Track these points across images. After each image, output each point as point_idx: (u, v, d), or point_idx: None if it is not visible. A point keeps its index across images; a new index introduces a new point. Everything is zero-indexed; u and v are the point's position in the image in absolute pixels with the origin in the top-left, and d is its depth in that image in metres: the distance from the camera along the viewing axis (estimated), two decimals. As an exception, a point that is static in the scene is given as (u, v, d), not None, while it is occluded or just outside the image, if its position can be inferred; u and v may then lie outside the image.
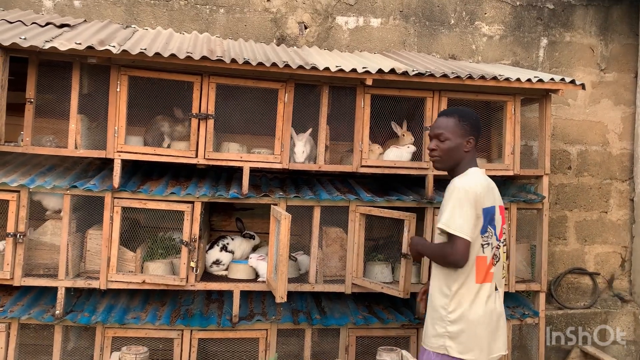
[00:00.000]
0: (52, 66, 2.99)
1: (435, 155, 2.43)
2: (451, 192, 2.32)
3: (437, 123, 2.44)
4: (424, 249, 2.56)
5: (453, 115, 2.41)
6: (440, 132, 2.39)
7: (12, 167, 3.10)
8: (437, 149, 2.41)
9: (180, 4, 3.89)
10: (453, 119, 2.39)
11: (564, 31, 4.36)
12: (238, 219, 3.45)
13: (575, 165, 4.37)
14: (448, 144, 2.38)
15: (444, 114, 2.45)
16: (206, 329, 3.04)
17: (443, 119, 2.42)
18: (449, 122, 2.39)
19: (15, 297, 3.08)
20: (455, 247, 2.26)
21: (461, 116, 2.40)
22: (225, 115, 3.16)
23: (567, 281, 4.37)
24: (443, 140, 2.39)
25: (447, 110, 2.52)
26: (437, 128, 2.42)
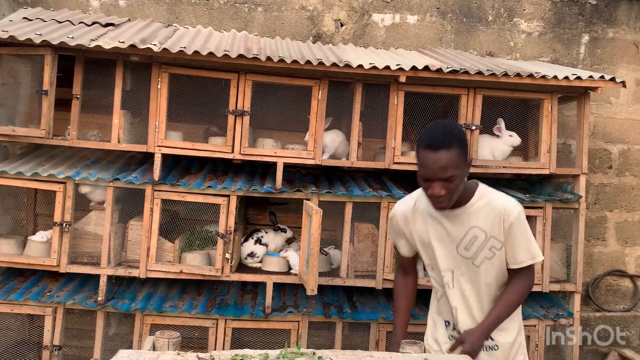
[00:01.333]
0: (97, 63, 3.13)
1: (443, 201, 1.96)
2: (516, 218, 2.01)
3: (438, 162, 1.88)
4: (499, 322, 2.07)
5: (452, 145, 1.90)
6: (450, 175, 1.90)
7: (59, 160, 3.27)
8: (447, 192, 1.93)
9: (220, 3, 3.99)
10: (455, 150, 1.90)
11: (607, 27, 4.25)
12: (271, 213, 3.53)
13: (616, 164, 4.27)
14: (457, 182, 1.93)
15: (442, 147, 1.88)
16: (240, 319, 3.13)
17: (444, 154, 1.88)
18: (452, 156, 1.89)
19: (61, 284, 3.24)
20: (533, 271, 2.13)
21: (459, 142, 1.93)
22: (261, 112, 3.24)
23: (605, 283, 4.28)
24: (452, 181, 1.92)
25: (439, 139, 1.91)
26: (444, 170, 1.89)
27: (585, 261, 4.06)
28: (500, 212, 2.02)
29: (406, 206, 2.21)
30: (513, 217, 2.01)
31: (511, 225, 2.01)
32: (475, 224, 2.05)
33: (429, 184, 1.94)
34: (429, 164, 1.91)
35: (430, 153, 1.90)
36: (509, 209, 2.02)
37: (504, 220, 2.01)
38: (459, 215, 2.05)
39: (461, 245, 2.08)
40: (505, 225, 2.01)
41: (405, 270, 2.37)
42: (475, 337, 2.00)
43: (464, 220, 2.05)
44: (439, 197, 1.95)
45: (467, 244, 2.07)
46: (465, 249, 2.08)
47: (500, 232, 2.03)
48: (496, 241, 2.04)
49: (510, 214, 2.01)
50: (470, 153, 2.01)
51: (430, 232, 2.13)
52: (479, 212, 2.04)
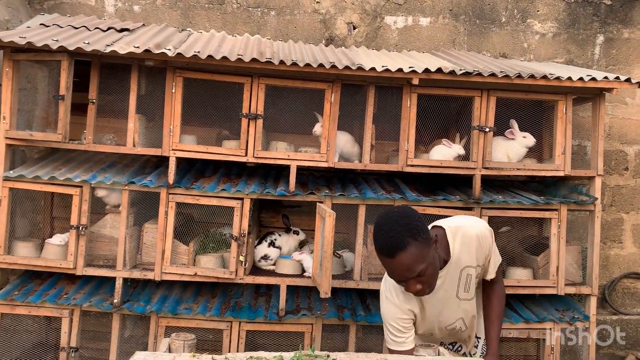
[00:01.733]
0: (112, 68, 3.17)
1: (424, 292, 1.93)
2: (491, 239, 2.10)
3: (401, 265, 1.83)
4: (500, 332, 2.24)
5: (407, 243, 1.81)
6: (419, 271, 1.85)
7: (76, 164, 3.31)
8: (423, 285, 1.90)
9: (233, 7, 4.02)
10: (414, 246, 1.82)
11: (622, 27, 4.21)
12: (284, 215, 3.54)
13: (632, 166, 4.22)
14: (430, 270, 1.88)
15: (397, 249, 1.81)
16: (254, 322, 3.15)
17: (403, 256, 1.81)
18: (413, 254, 1.82)
19: (78, 286, 3.28)
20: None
21: (412, 235, 1.83)
22: (274, 115, 3.26)
23: (622, 286, 4.23)
24: (424, 274, 1.87)
25: (390, 243, 1.82)
26: (410, 270, 1.84)
27: (601, 264, 4.02)
28: (478, 241, 2.06)
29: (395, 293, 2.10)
30: (488, 241, 2.09)
31: (488, 248, 2.10)
32: (465, 264, 2.08)
33: (402, 284, 1.93)
34: (391, 269, 1.88)
35: (389, 259, 1.84)
36: (482, 235, 2.07)
37: (483, 246, 2.08)
38: (447, 271, 2.06)
39: (460, 290, 2.11)
40: (485, 249, 2.08)
41: None
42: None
43: (453, 270, 2.07)
44: (417, 292, 1.93)
45: (465, 285, 2.11)
46: (465, 291, 2.12)
47: (482, 256, 2.10)
48: (484, 265, 2.14)
49: (484, 240, 2.08)
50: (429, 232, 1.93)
51: (428, 302, 2.09)
52: (463, 254, 2.05)
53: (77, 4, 3.94)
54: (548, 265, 3.29)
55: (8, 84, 3.03)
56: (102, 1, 3.95)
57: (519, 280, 3.26)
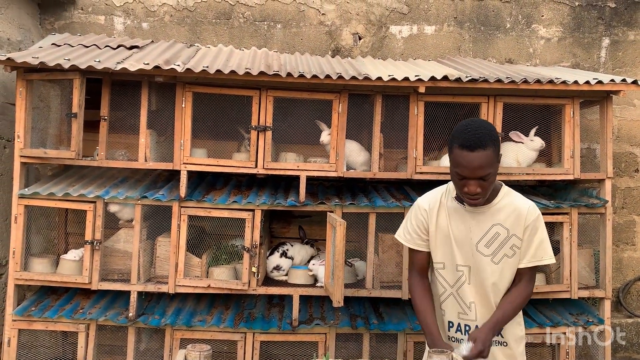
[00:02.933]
0: (123, 85, 3.23)
1: (478, 198, 2.01)
2: (535, 219, 2.08)
3: (476, 161, 1.92)
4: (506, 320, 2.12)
5: (488, 144, 1.94)
6: (487, 173, 1.95)
7: (89, 180, 3.36)
8: (482, 190, 1.98)
9: (240, 22, 4.08)
10: (491, 149, 1.94)
11: (628, 30, 4.22)
12: (300, 228, 3.58)
13: (643, 167, 4.21)
14: (492, 179, 1.99)
15: (479, 147, 1.92)
16: (267, 332, 3.16)
17: (482, 155, 1.92)
18: (488, 156, 1.94)
19: (93, 301, 3.31)
20: (535, 277, 2.20)
21: (494, 141, 1.97)
22: (283, 127, 3.30)
23: (636, 288, 4.20)
24: (488, 179, 1.96)
25: (475, 139, 1.94)
26: (479, 169, 1.93)
27: (614, 266, 4.00)
28: (522, 212, 2.08)
29: (433, 199, 2.21)
30: (533, 217, 2.08)
31: (530, 225, 2.07)
32: (499, 222, 2.09)
33: (464, 182, 1.98)
34: (465, 163, 1.94)
35: (468, 153, 1.93)
36: (530, 210, 2.09)
37: (525, 220, 2.07)
38: (483, 213, 2.09)
39: (482, 242, 2.11)
40: (525, 225, 2.07)
41: (422, 272, 2.25)
42: (485, 334, 2.03)
43: (488, 218, 2.10)
44: (474, 195, 1.99)
45: (489, 241, 2.10)
46: (486, 246, 2.11)
47: (521, 231, 2.08)
48: (517, 240, 2.09)
49: (531, 215, 2.08)
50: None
51: (452, 227, 2.15)
52: (502, 211, 2.09)
53: (87, 23, 4.02)
54: (560, 269, 3.28)
55: (22, 103, 3.09)
56: (111, 19, 4.03)
57: (538, 287, 3.24)
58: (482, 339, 2.00)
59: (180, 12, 4.06)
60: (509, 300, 2.11)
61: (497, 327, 2.08)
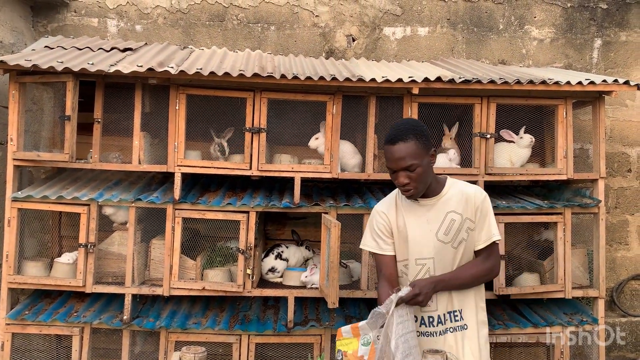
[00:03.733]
0: (116, 88, 3.22)
1: (410, 189, 2.15)
2: (483, 201, 2.22)
3: (397, 153, 2.11)
4: (452, 282, 2.20)
5: (408, 137, 2.11)
6: (409, 164, 2.10)
7: (83, 183, 3.35)
8: (410, 180, 2.13)
9: (234, 24, 4.08)
10: (412, 141, 2.11)
11: (619, 30, 4.25)
12: (294, 232, 3.58)
13: (635, 167, 4.23)
14: (419, 171, 2.12)
15: (399, 139, 2.11)
16: (263, 334, 3.16)
17: (402, 147, 2.10)
18: (409, 147, 2.10)
19: (87, 304, 3.30)
20: (498, 252, 2.30)
21: (415, 134, 2.13)
22: (277, 128, 3.30)
23: (630, 288, 4.22)
24: (413, 170, 2.11)
25: (396, 134, 2.13)
26: (401, 160, 2.10)
27: (608, 266, 4.02)
28: (470, 196, 2.22)
29: (389, 202, 2.34)
30: (481, 199, 2.22)
31: (479, 206, 2.21)
32: (452, 209, 2.23)
33: (395, 175, 2.16)
34: (389, 156, 2.14)
35: (390, 146, 2.13)
36: (477, 193, 2.24)
37: (474, 202, 2.21)
38: (435, 204, 2.24)
39: (440, 231, 2.22)
40: (475, 207, 2.21)
41: (391, 280, 2.27)
42: (425, 282, 2.13)
43: (441, 207, 2.23)
44: (404, 186, 2.15)
45: (446, 228, 2.22)
46: (445, 234, 2.22)
47: (472, 214, 2.22)
48: (470, 222, 2.22)
49: (478, 197, 2.22)
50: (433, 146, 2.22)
51: (411, 223, 2.26)
52: (453, 199, 2.23)
53: (80, 25, 4.01)
54: (554, 269, 3.29)
55: (15, 106, 3.08)
56: (104, 22, 4.02)
57: (534, 287, 3.26)
58: (420, 285, 2.10)
59: (174, 14, 4.05)
60: (463, 267, 2.23)
61: (441, 283, 2.17)
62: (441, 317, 2.26)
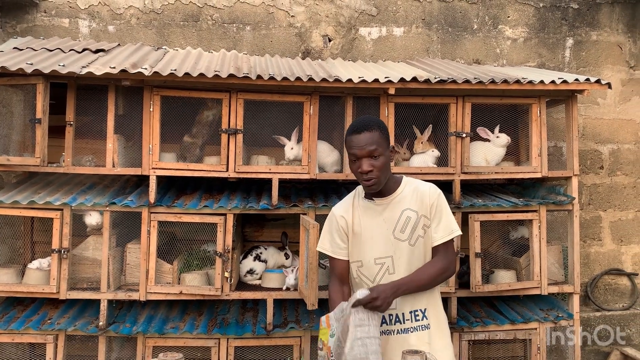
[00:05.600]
0: (89, 89, 3.16)
1: (372, 177, 2.17)
2: (437, 198, 2.25)
3: (363, 140, 2.14)
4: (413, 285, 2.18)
5: (373, 127, 2.17)
6: (374, 148, 2.13)
7: (55, 187, 3.28)
8: (374, 168, 2.16)
9: (208, 24, 4.04)
10: (377, 131, 2.17)
11: (590, 30, 4.32)
12: (284, 234, 3.59)
13: (607, 164, 4.32)
14: (382, 160, 2.17)
15: (364, 129, 2.16)
16: (242, 337, 3.13)
17: (367, 134, 2.14)
18: (374, 135, 2.15)
19: (62, 310, 3.23)
20: (453, 250, 2.32)
21: (379, 126, 2.20)
22: (254, 129, 3.27)
23: (604, 282, 4.31)
24: (377, 157, 2.16)
25: (361, 124, 2.20)
26: (369, 144, 2.14)
27: (582, 262, 4.09)
28: (425, 193, 2.26)
29: (346, 205, 2.38)
30: (434, 197, 2.26)
31: (434, 203, 2.25)
32: (407, 207, 2.25)
33: (358, 163, 2.17)
34: (354, 144, 2.16)
35: (356, 135, 2.16)
36: (432, 190, 2.27)
37: (429, 199, 2.25)
38: (391, 202, 2.27)
39: (397, 229, 2.25)
40: (430, 204, 2.25)
41: (342, 279, 2.36)
42: (384, 287, 2.12)
43: (396, 206, 2.26)
44: (368, 174, 2.16)
45: (402, 226, 2.25)
46: (401, 231, 2.25)
47: (427, 211, 2.25)
48: (426, 219, 2.25)
49: (433, 194, 2.26)
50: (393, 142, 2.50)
51: (367, 222, 2.29)
52: (408, 196, 2.26)
53: (50, 26, 3.92)
54: (530, 265, 3.33)
55: (-17, 109, 3.00)
56: (76, 22, 3.94)
57: (510, 284, 3.29)
58: (379, 289, 2.09)
59: (147, 14, 4.00)
60: (421, 269, 2.23)
61: (401, 287, 2.15)
62: (401, 316, 2.26)
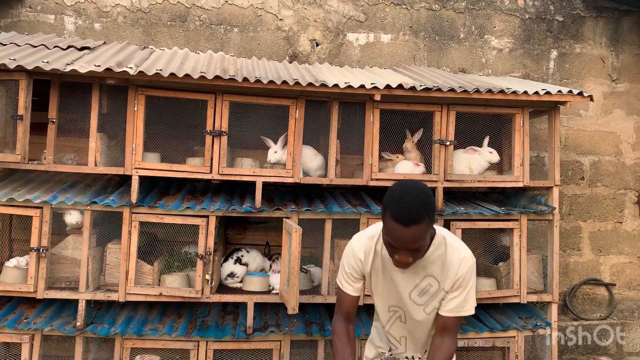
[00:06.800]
0: (73, 87, 3.13)
1: (408, 264, 1.96)
2: (466, 272, 2.05)
3: (409, 236, 1.85)
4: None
5: (423, 219, 1.84)
6: (419, 246, 1.90)
7: (36, 185, 3.24)
8: (414, 259, 1.94)
9: (196, 25, 4.02)
10: (425, 221, 1.85)
11: (574, 43, 4.39)
12: (267, 244, 3.57)
13: (588, 175, 4.38)
14: (423, 248, 1.95)
15: (413, 222, 1.82)
16: (221, 340, 3.11)
17: (415, 229, 1.84)
18: (423, 229, 1.86)
19: (38, 310, 3.19)
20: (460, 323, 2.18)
21: (429, 212, 1.87)
22: (239, 132, 3.26)
23: (582, 292, 4.36)
24: (420, 249, 1.93)
25: (410, 214, 1.83)
26: (412, 242, 1.87)
27: (561, 271, 4.14)
28: (454, 266, 2.05)
29: (368, 247, 2.15)
30: (463, 271, 2.05)
31: (461, 278, 2.05)
32: (431, 273, 2.07)
33: (394, 250, 1.93)
34: (398, 237, 1.87)
35: (401, 227, 1.84)
36: (462, 264, 2.05)
37: (457, 273, 2.05)
38: (417, 264, 2.04)
39: (415, 291, 2.10)
40: (456, 278, 2.05)
41: (348, 317, 2.21)
42: None
43: (420, 269, 2.07)
44: (405, 263, 1.95)
45: (422, 290, 2.10)
46: (419, 296, 2.10)
47: (450, 284, 2.06)
48: (445, 293, 2.08)
49: (462, 269, 2.05)
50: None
51: (385, 274, 2.13)
52: (435, 262, 2.05)
53: (35, 22, 3.88)
54: (510, 274, 3.36)
55: (-37, 104, 2.95)
56: (61, 19, 3.90)
57: (490, 292, 3.32)
58: None
59: (135, 13, 3.97)
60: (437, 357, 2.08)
61: None
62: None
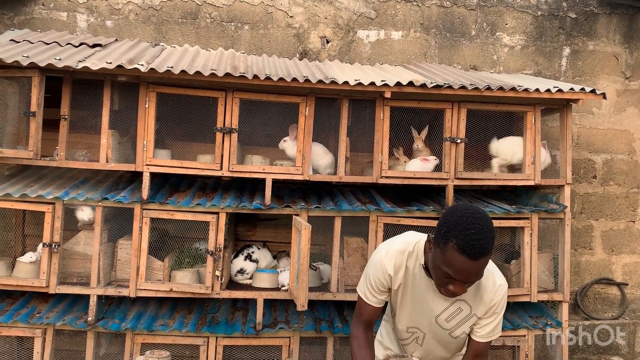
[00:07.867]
0: (85, 84, 3.15)
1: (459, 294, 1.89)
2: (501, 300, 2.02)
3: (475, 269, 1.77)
4: None
5: (491, 250, 1.77)
6: (479, 278, 1.85)
7: (48, 181, 3.27)
8: (465, 291, 1.87)
9: (207, 22, 4.03)
10: (490, 255, 1.79)
11: (587, 40, 4.34)
12: (264, 244, 3.60)
13: (600, 174, 4.34)
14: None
15: (482, 254, 1.74)
16: (231, 336, 3.13)
17: (482, 262, 1.77)
18: (487, 261, 1.81)
19: (51, 305, 3.22)
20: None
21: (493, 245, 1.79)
22: (249, 129, 3.27)
23: (593, 291, 4.33)
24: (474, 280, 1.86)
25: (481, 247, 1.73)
26: (477, 275, 1.81)
27: (573, 270, 4.11)
28: (489, 293, 2.01)
29: (399, 263, 2.07)
30: (498, 298, 2.01)
31: (495, 305, 2.02)
32: (463, 298, 2.01)
33: (451, 280, 1.83)
34: (461, 269, 1.77)
35: (467, 260, 1.74)
36: (498, 291, 2.01)
37: (492, 300, 2.01)
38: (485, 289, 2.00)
39: (442, 316, 2.06)
40: (490, 305, 2.02)
41: (367, 325, 2.17)
42: None
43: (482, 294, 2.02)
44: (457, 295, 1.88)
45: (450, 315, 2.06)
46: (446, 321, 2.07)
47: (483, 311, 2.03)
48: (477, 319, 2.05)
49: (496, 296, 2.01)
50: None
51: (413, 294, 2.08)
52: (470, 288, 1.94)
53: (48, 19, 3.91)
54: (521, 273, 3.34)
55: (-23, 100, 2.99)
56: (74, 16, 3.93)
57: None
58: None
59: (146, 10, 3.99)
60: None
61: None
62: None
